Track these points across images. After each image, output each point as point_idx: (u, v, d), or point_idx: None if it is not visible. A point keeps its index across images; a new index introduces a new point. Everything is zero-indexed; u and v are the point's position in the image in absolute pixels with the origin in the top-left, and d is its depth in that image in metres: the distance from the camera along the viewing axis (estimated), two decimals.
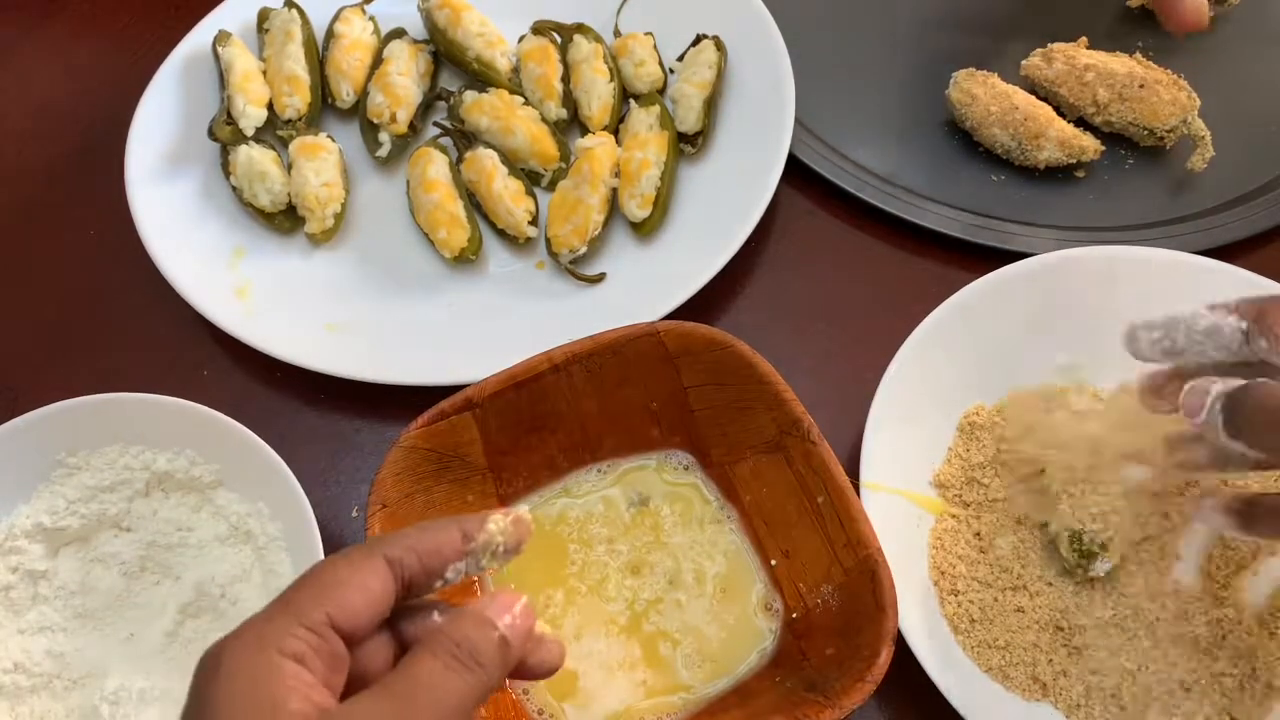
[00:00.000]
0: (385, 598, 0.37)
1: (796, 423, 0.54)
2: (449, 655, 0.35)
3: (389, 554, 0.37)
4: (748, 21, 0.78)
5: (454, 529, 0.38)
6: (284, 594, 0.36)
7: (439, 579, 0.38)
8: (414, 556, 0.37)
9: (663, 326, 0.57)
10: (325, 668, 0.35)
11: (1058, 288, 0.63)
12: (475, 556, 0.39)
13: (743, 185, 0.71)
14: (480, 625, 0.36)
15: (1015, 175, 0.76)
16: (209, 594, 0.58)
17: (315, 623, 0.35)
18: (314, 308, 0.70)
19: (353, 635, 0.36)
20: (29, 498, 0.61)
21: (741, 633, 0.56)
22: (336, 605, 0.35)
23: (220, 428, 0.59)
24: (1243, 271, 0.63)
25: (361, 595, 0.36)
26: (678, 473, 0.60)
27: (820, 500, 0.54)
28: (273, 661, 0.34)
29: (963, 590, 0.57)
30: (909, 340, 0.61)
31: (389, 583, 0.37)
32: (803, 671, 0.52)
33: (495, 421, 0.57)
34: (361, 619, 0.36)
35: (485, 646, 0.36)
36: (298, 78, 0.77)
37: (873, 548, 0.51)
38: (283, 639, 0.34)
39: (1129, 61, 0.76)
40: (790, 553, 0.56)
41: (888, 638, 0.48)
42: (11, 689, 0.57)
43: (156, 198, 0.74)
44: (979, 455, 0.61)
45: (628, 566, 0.58)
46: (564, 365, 0.57)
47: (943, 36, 0.84)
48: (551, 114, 0.76)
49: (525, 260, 0.73)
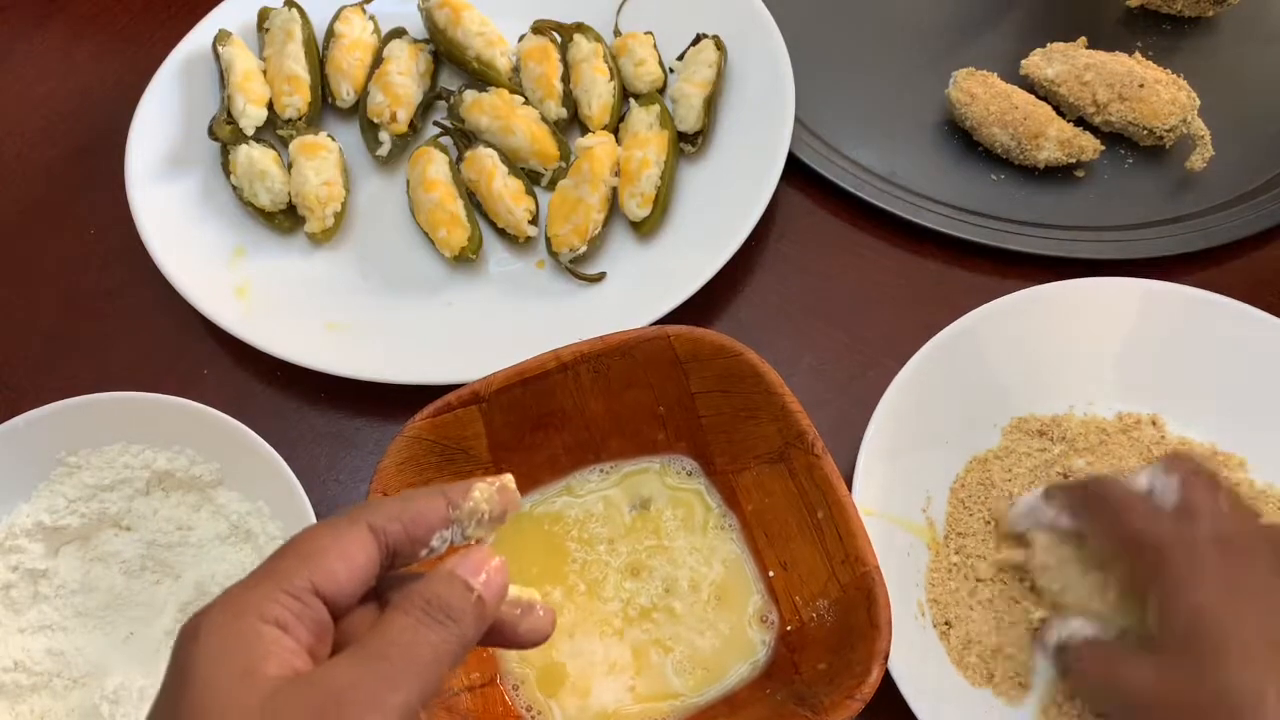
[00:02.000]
0: (369, 565, 0.36)
1: (801, 435, 0.54)
2: (420, 611, 0.35)
3: (372, 521, 0.37)
4: (748, 21, 0.78)
5: (439, 497, 0.38)
6: (267, 562, 0.36)
7: (424, 547, 0.38)
8: (398, 524, 0.37)
9: (673, 331, 0.57)
10: (309, 634, 0.35)
11: (1057, 318, 0.63)
12: (461, 524, 0.38)
13: (743, 185, 0.71)
14: (450, 581, 0.36)
15: (1015, 175, 0.76)
16: (209, 593, 0.58)
17: (298, 589, 0.34)
18: (314, 307, 0.70)
19: (336, 603, 0.36)
20: (29, 496, 0.61)
21: (735, 643, 0.55)
22: (320, 572, 0.35)
23: (220, 427, 0.59)
24: (1234, 303, 0.63)
25: (344, 563, 0.36)
26: (681, 478, 0.60)
27: (820, 515, 0.53)
28: (252, 627, 0.34)
29: (955, 622, 0.56)
30: (901, 372, 0.60)
31: (373, 550, 0.36)
32: (793, 685, 0.52)
33: (500, 417, 0.57)
34: (345, 586, 0.36)
35: (457, 602, 0.36)
36: (298, 77, 0.77)
37: (870, 565, 0.50)
38: (264, 605, 0.34)
39: (1129, 61, 0.76)
40: (788, 565, 0.56)
41: (880, 656, 0.48)
42: (11, 688, 0.57)
43: (156, 198, 0.74)
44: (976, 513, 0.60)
45: (627, 568, 0.58)
46: (572, 364, 0.57)
47: (943, 36, 0.84)
48: (551, 113, 0.76)
49: (525, 259, 0.73)
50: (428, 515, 0.38)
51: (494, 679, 0.54)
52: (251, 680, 0.33)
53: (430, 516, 0.38)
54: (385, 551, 0.37)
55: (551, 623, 0.40)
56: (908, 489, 0.59)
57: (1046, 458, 0.61)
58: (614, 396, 0.58)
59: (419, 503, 0.38)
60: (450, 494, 0.38)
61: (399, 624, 0.35)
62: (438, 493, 0.38)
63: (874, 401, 0.60)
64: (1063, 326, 0.63)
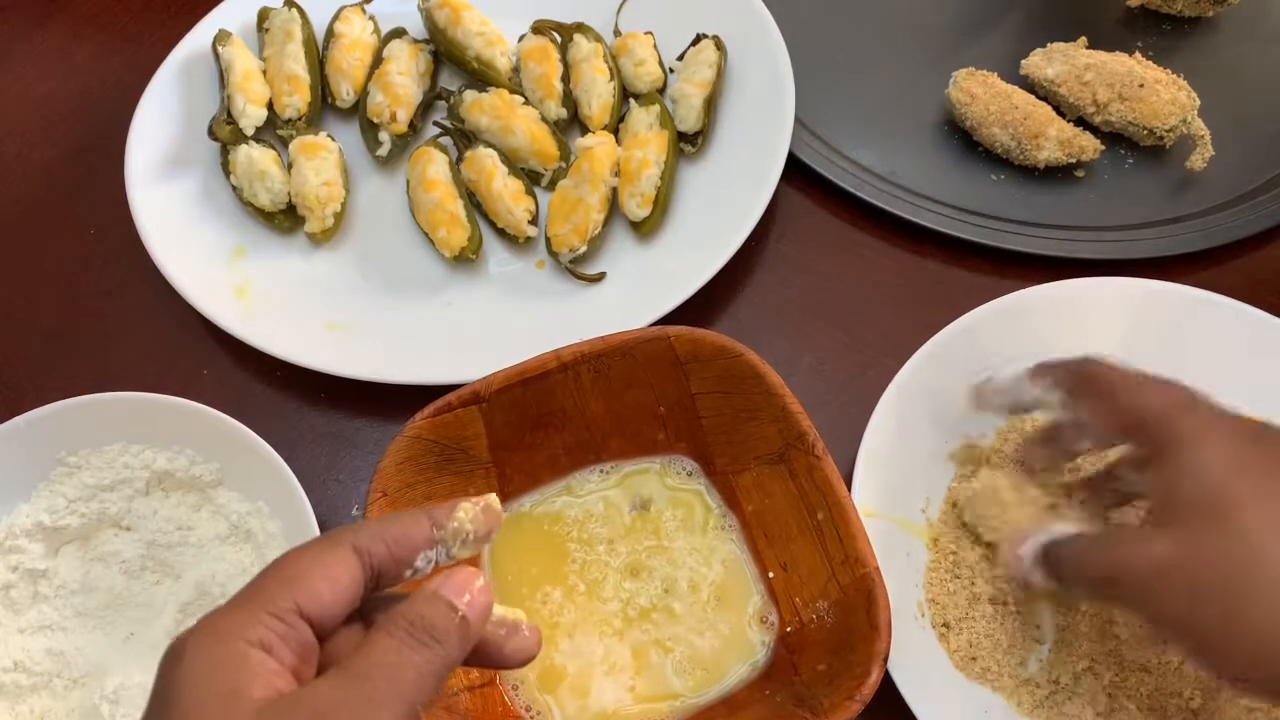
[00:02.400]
0: (353, 587, 0.36)
1: (802, 436, 0.54)
2: (404, 633, 0.35)
3: (356, 543, 0.37)
4: (748, 21, 0.78)
5: (423, 518, 0.38)
6: (250, 584, 0.36)
7: (409, 568, 0.38)
8: (382, 545, 0.37)
9: (673, 331, 0.57)
10: (293, 656, 0.35)
11: (1057, 318, 0.63)
12: (445, 545, 0.38)
13: (743, 185, 0.71)
14: (433, 602, 0.36)
15: (1015, 175, 0.76)
16: (209, 593, 0.58)
17: (282, 610, 0.34)
18: (314, 307, 0.70)
19: (321, 625, 0.36)
20: (29, 497, 0.61)
21: (735, 643, 0.56)
22: (303, 593, 0.35)
23: (220, 427, 0.59)
24: (1242, 305, 0.62)
25: (328, 584, 0.36)
26: (681, 478, 0.60)
27: (820, 516, 0.54)
28: (237, 649, 0.34)
29: (954, 624, 0.56)
30: (900, 372, 0.60)
31: (356, 572, 0.36)
32: (792, 686, 0.52)
33: (501, 417, 0.57)
34: (329, 607, 0.36)
35: (441, 623, 0.36)
36: (298, 77, 0.77)
37: (870, 566, 0.50)
38: (248, 627, 0.34)
39: (1129, 61, 0.76)
40: (788, 566, 0.56)
41: (879, 658, 0.48)
42: (12, 688, 0.57)
43: (156, 198, 0.74)
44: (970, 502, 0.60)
45: (626, 568, 0.58)
46: (572, 365, 0.57)
47: (943, 36, 0.84)
48: (551, 113, 0.76)
49: (525, 259, 0.73)
50: (412, 536, 0.38)
51: (493, 679, 0.54)
52: (236, 702, 0.33)
53: (414, 537, 0.38)
54: (370, 572, 0.37)
55: (537, 643, 0.40)
56: (907, 489, 0.59)
57: None
58: (614, 397, 0.58)
59: (403, 523, 0.38)
60: (434, 515, 0.39)
61: (383, 645, 0.35)
62: (422, 514, 0.38)
63: (873, 401, 0.60)
64: (1063, 326, 0.63)
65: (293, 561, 0.36)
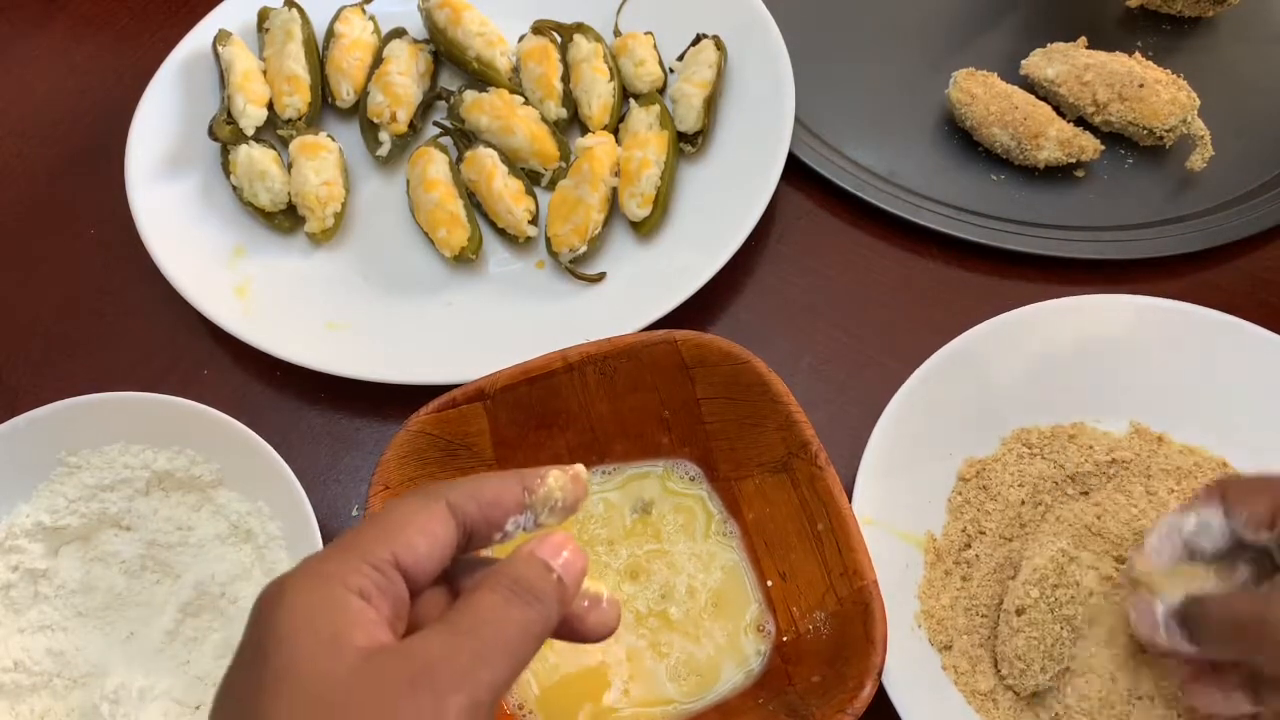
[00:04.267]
0: (447, 542, 0.36)
1: (805, 445, 0.54)
2: (508, 590, 0.35)
3: (451, 499, 0.37)
4: (748, 21, 0.78)
5: (514, 481, 0.38)
6: (344, 535, 0.36)
7: (498, 530, 0.38)
8: (474, 505, 0.37)
9: (680, 335, 0.57)
10: (389, 608, 0.34)
11: (1063, 332, 0.63)
12: (534, 510, 0.39)
13: (743, 185, 0.71)
14: (531, 562, 0.36)
15: (1015, 175, 0.76)
16: (209, 593, 0.58)
17: (380, 561, 0.35)
18: (314, 307, 0.70)
19: (415, 579, 0.36)
20: (29, 497, 0.61)
21: (730, 651, 0.55)
22: (402, 546, 0.35)
23: (220, 427, 0.59)
24: (1246, 324, 0.62)
25: (425, 538, 0.36)
26: (683, 483, 0.60)
27: (821, 527, 0.53)
28: (338, 595, 0.33)
29: (950, 636, 0.56)
30: (905, 384, 0.60)
31: (451, 528, 0.37)
32: (786, 696, 0.52)
33: (505, 415, 0.57)
34: (424, 562, 0.36)
35: (541, 583, 0.36)
36: (298, 77, 0.77)
37: (869, 579, 0.50)
38: (348, 575, 0.34)
39: (1129, 61, 0.76)
40: (787, 575, 0.56)
41: (874, 671, 0.48)
42: (12, 688, 0.57)
43: (156, 198, 0.74)
44: (974, 516, 0.59)
45: (626, 570, 0.58)
46: (578, 365, 0.57)
47: (943, 36, 0.84)
48: (551, 113, 0.76)
49: (525, 259, 0.73)
50: (503, 498, 0.38)
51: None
52: (339, 648, 0.32)
53: (506, 499, 0.38)
54: (463, 531, 0.37)
55: (617, 616, 0.40)
56: (907, 500, 0.59)
57: (1045, 469, 0.61)
58: (619, 398, 0.58)
59: (496, 485, 0.38)
60: (526, 479, 0.39)
61: (487, 601, 0.35)
62: (513, 476, 0.38)
63: (873, 401, 0.59)
64: (1069, 341, 0.62)
65: (391, 513, 0.36)
